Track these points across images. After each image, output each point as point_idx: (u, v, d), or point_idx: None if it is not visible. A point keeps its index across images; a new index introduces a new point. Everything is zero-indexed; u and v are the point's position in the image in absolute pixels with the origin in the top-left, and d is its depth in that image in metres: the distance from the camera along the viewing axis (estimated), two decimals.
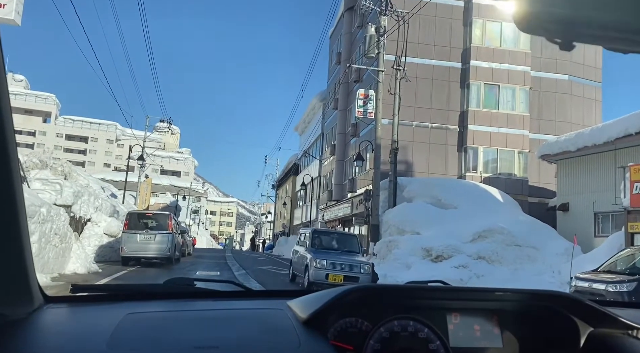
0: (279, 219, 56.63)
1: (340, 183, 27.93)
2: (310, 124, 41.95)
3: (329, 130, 33.63)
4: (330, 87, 33.90)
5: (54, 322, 1.22)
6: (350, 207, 25.31)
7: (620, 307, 1.60)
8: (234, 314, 1.32)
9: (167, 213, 16.55)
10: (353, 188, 25.29)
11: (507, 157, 22.17)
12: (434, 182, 19.80)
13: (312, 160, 38.93)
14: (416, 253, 16.34)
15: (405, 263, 16.16)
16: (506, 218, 17.17)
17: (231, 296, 1.63)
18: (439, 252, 15.89)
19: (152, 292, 1.56)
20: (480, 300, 1.42)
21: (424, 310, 1.35)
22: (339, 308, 1.29)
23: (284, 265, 22.49)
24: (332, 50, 33.99)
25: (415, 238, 16.99)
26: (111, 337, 1.06)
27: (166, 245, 15.70)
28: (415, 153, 21.92)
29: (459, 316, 1.39)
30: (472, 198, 18.54)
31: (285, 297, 1.49)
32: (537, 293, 1.39)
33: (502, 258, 15.86)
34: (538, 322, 1.41)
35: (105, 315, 1.27)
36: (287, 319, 1.23)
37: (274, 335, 1.14)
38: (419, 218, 17.70)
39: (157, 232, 15.79)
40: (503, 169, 22.17)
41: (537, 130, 22.46)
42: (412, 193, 19.57)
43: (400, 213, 18.25)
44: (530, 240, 16.33)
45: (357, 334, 1.32)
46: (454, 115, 22.32)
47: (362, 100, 22.04)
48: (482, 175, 21.69)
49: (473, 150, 22.12)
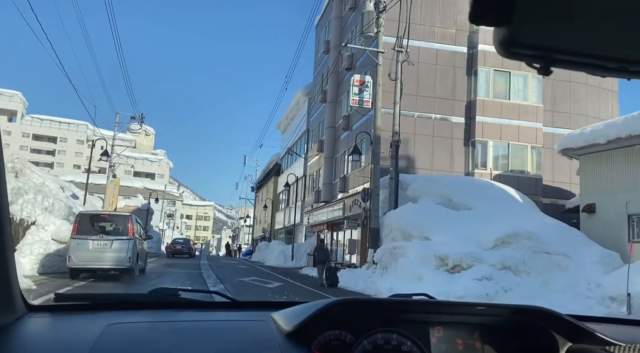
0: (259, 223, 53.61)
1: (329, 183, 25.27)
2: (293, 120, 39.21)
3: (315, 126, 30.97)
4: (317, 80, 31.28)
5: (36, 331, 1.22)
6: (341, 208, 22.64)
7: (598, 323, 1.60)
8: (217, 325, 1.31)
9: (127, 215, 13.60)
10: (345, 188, 22.67)
11: (519, 153, 19.84)
12: (442, 179, 17.31)
13: (297, 159, 36.17)
14: (428, 262, 13.77)
15: (416, 275, 13.56)
16: (530, 221, 14.74)
17: (216, 307, 1.62)
18: (457, 260, 13.33)
19: (135, 302, 1.56)
20: (463, 314, 1.43)
21: (407, 323, 1.34)
22: (323, 321, 1.26)
23: (268, 275, 19.68)
24: (319, 39, 31.39)
25: (425, 245, 14.41)
26: (92, 348, 1.05)
27: (125, 253, 12.78)
28: (417, 147, 19.42)
29: (442, 330, 1.38)
30: (487, 198, 16.09)
31: (270, 308, 1.49)
32: (517, 308, 1.40)
33: (530, 268, 13.38)
34: (519, 337, 1.41)
35: (88, 325, 1.25)
36: (271, 331, 1.22)
37: (257, 347, 1.14)
38: (428, 221, 15.14)
39: (114, 237, 12.87)
40: (515, 166, 19.83)
41: (550, 123, 20.21)
42: (417, 192, 17.03)
43: (406, 215, 15.67)
44: (560, 246, 13.90)
45: (341, 347, 1.29)
46: (460, 106, 19.91)
47: (358, 87, 19.48)
48: (492, 173, 19.31)
49: (482, 145, 19.72)
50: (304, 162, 33.61)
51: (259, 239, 49.53)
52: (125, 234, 12.96)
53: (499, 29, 0.51)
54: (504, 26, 0.50)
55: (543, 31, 0.51)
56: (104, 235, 12.80)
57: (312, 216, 29.65)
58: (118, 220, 13.29)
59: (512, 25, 0.50)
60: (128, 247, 12.84)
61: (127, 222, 13.10)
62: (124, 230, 13.05)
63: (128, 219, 13.17)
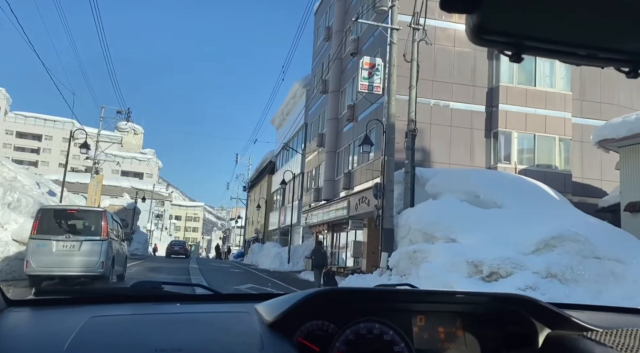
0: (251, 224, 51.31)
1: (331, 180, 23.13)
2: (289, 115, 37.01)
3: (314, 119, 28.83)
4: (316, 70, 29.16)
5: (15, 325, 1.20)
6: (346, 207, 20.51)
7: (577, 309, 1.59)
8: (199, 317, 1.29)
9: (100, 210, 11.33)
10: (349, 185, 20.55)
11: (546, 145, 17.84)
12: (467, 173, 15.24)
13: (293, 155, 33.98)
14: (458, 268, 11.69)
15: (444, 283, 11.44)
16: (573, 221, 12.72)
17: (199, 299, 1.59)
18: (493, 267, 11.27)
19: (118, 295, 1.55)
20: (445, 303, 1.43)
21: (390, 312, 1.34)
22: (306, 311, 1.26)
23: (265, 282, 17.52)
24: (318, 27, 29.27)
25: (453, 248, 12.34)
26: (72, 341, 1.04)
27: (98, 256, 10.55)
28: (433, 139, 17.36)
29: (423, 319, 1.39)
30: (519, 195, 14.06)
31: (253, 300, 1.48)
32: (497, 296, 1.41)
33: (579, 276, 11.33)
34: (499, 324, 1.41)
35: (68, 318, 1.23)
36: (253, 322, 1.21)
37: (238, 338, 1.14)
38: (454, 221, 13.07)
39: (84, 237, 10.64)
40: (541, 160, 17.82)
41: (579, 113, 18.26)
42: (438, 188, 14.96)
43: (427, 214, 13.59)
44: (611, 250, 11.88)
45: (324, 337, 1.29)
46: (481, 93, 17.88)
47: (367, 70, 17.37)
48: (516, 167, 17.30)
49: (505, 136, 17.70)
50: (301, 159, 31.45)
51: (251, 241, 47.23)
52: (98, 234, 10.73)
53: (470, 16, 0.50)
54: (475, 13, 0.50)
55: (513, 18, 0.51)
56: (72, 234, 10.56)
57: (310, 216, 27.48)
58: (89, 217, 11.05)
59: (482, 12, 0.50)
60: (101, 250, 10.61)
61: (101, 219, 10.86)
62: (96, 229, 10.81)
63: (101, 216, 10.92)
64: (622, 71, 0.58)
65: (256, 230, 46.22)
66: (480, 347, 1.41)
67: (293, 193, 30.15)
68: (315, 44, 30.38)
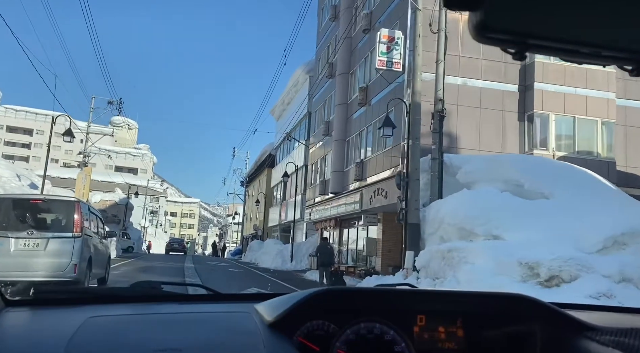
0: (250, 220, 49.24)
1: (340, 171, 21.07)
2: (290, 105, 34.90)
3: (319, 107, 26.74)
4: (321, 53, 27.06)
5: (13, 325, 1.20)
6: (358, 201, 18.49)
7: (578, 309, 1.58)
8: (199, 317, 1.29)
9: (72, 200, 9.20)
10: (362, 176, 18.52)
11: (587, 130, 15.85)
12: (505, 159, 13.21)
13: (295, 147, 31.89)
14: (508, 271, 9.68)
15: (491, 288, 9.45)
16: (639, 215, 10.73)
17: (199, 299, 1.58)
18: (553, 269, 9.25)
19: (117, 295, 1.55)
20: (445, 303, 1.43)
21: (390, 312, 1.34)
22: (306, 311, 1.26)
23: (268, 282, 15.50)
24: (323, 6, 27.16)
25: (499, 247, 10.32)
26: (70, 341, 1.03)
27: (69, 257, 8.49)
28: (460, 122, 15.32)
29: (424, 318, 1.38)
30: (568, 184, 12.05)
31: (253, 300, 1.47)
32: (498, 296, 1.43)
33: None
34: (500, 323, 1.41)
35: (67, 318, 1.23)
36: (253, 322, 1.21)
37: (238, 338, 1.13)
38: (496, 214, 11.06)
39: (51, 234, 8.57)
40: (582, 146, 15.83)
41: (623, 94, 16.27)
42: (472, 176, 12.94)
43: (464, 207, 11.57)
44: None
45: (324, 337, 1.28)
46: (513, 70, 15.83)
47: (386, 44, 15.32)
48: (554, 154, 15.29)
49: (541, 119, 15.67)
50: (304, 150, 29.37)
51: (250, 238, 45.17)
52: (69, 230, 8.66)
53: (473, 14, 0.51)
54: (478, 11, 0.50)
55: (516, 16, 0.51)
56: (35, 230, 8.48)
57: (315, 211, 25.46)
58: (58, 208, 8.97)
59: (485, 10, 0.50)
60: (73, 249, 8.54)
61: (73, 211, 8.76)
62: (67, 224, 8.74)
63: (74, 207, 8.82)
64: (625, 69, 0.56)
65: (255, 226, 44.14)
66: (481, 346, 1.39)
67: (296, 187, 28.09)
68: (319, 26, 28.27)
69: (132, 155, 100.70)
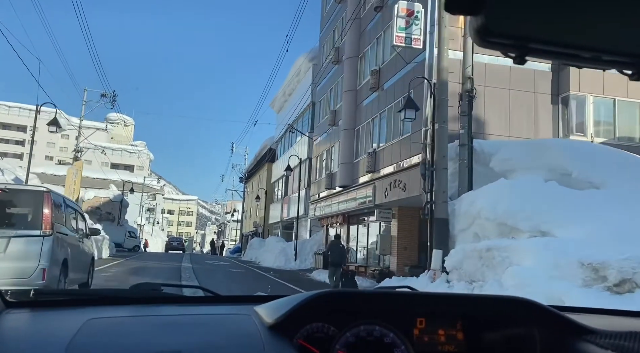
0: (249, 217, 47.63)
1: (349, 162, 19.47)
2: (292, 95, 33.25)
3: (324, 96, 25.13)
4: (326, 39, 25.43)
5: (13, 327, 1.20)
6: (370, 194, 16.92)
7: (578, 313, 1.57)
8: (199, 319, 1.28)
9: (40, 190, 7.51)
10: (375, 167, 16.94)
11: (629, 113, 14.29)
12: (546, 145, 11.62)
13: (298, 140, 30.27)
14: (566, 273, 8.10)
15: (546, 295, 7.83)
16: None
17: (198, 301, 1.59)
18: (625, 272, 7.66)
19: (117, 297, 1.53)
20: (445, 306, 1.42)
21: (390, 315, 1.32)
22: (306, 313, 1.25)
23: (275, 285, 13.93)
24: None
25: (552, 245, 8.73)
26: (71, 342, 1.03)
27: (35, 261, 6.90)
28: (488, 106, 13.73)
29: (424, 321, 1.36)
30: (622, 173, 10.48)
31: (253, 302, 1.47)
32: (499, 299, 1.41)
33: None
34: (499, 327, 1.39)
35: (67, 320, 1.23)
36: (253, 324, 1.21)
37: (238, 340, 1.13)
38: (544, 207, 9.47)
39: (13, 231, 6.98)
40: (623, 131, 14.27)
41: None
42: (509, 164, 11.36)
43: (504, 199, 9.98)
44: None
45: (324, 339, 1.27)
46: None
47: (404, 19, 13.70)
48: (593, 140, 13.71)
49: (577, 101, 14.09)
50: (308, 142, 27.76)
51: (249, 235, 43.56)
52: (37, 227, 7.07)
53: (474, 18, 0.51)
54: (479, 15, 0.50)
55: (517, 20, 0.51)
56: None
57: (320, 207, 23.88)
58: (23, 200, 7.35)
59: (486, 14, 0.50)
60: (41, 251, 6.94)
61: (41, 204, 7.15)
62: (34, 220, 7.15)
63: (43, 199, 7.19)
64: (625, 74, 0.56)
65: (255, 223, 42.53)
66: (480, 349, 1.38)
67: (300, 182, 26.48)
68: (323, 11, 26.63)
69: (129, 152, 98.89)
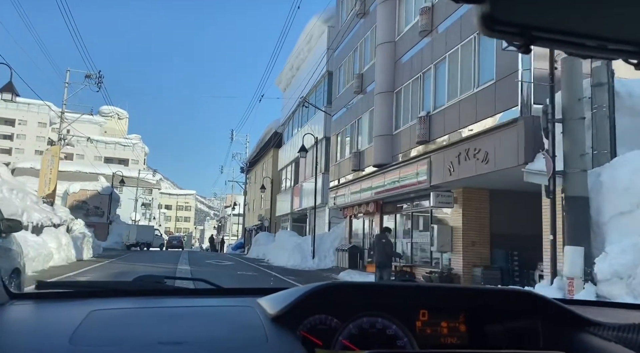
0: (252, 210, 43.51)
1: (387, 134, 15.31)
2: (301, 68, 29.01)
3: (343, 62, 20.93)
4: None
5: (17, 318, 1.21)
6: (424, 172, 12.81)
7: (584, 306, 1.58)
8: (202, 311, 1.30)
9: None
10: (429, 136, 12.82)
11: None
12: None
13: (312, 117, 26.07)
14: None
15: None
16: None
17: (201, 294, 1.59)
18: None
19: (119, 289, 1.54)
20: (448, 298, 1.42)
21: (393, 307, 1.33)
22: (309, 305, 1.25)
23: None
24: None
25: None
26: (74, 333, 1.04)
27: None
28: None
29: (427, 313, 1.37)
30: None
31: (256, 294, 1.48)
32: (502, 291, 1.42)
33: None
34: (502, 319, 1.39)
35: (70, 311, 1.24)
36: (256, 316, 1.21)
37: (241, 331, 1.13)
38: None
39: None
40: None
41: None
42: None
43: None
44: None
45: (327, 331, 1.28)
46: None
47: None
48: None
49: None
50: (324, 118, 23.58)
51: (254, 230, 39.44)
52: None
53: (479, 6, 0.51)
54: (485, 4, 0.51)
55: (523, 8, 0.52)
56: None
57: (343, 194, 19.76)
58: None
59: (492, 3, 0.51)
60: None
61: None
62: None
63: None
64: (630, 63, 0.56)
65: (260, 216, 38.40)
66: (483, 341, 1.37)
67: (315, 165, 22.32)
68: None
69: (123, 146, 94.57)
